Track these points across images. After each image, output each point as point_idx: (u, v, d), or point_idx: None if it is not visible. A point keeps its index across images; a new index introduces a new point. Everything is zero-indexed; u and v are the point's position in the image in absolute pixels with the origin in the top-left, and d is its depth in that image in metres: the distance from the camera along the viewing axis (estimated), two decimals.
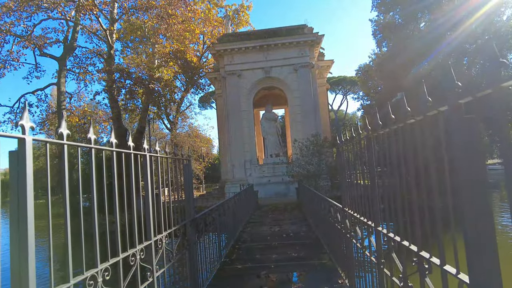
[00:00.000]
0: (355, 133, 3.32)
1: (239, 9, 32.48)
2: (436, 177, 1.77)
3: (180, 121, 35.68)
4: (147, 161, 3.01)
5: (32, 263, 1.57)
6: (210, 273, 5.15)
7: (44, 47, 21.94)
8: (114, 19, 22.81)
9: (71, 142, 1.89)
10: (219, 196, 20.89)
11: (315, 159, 16.99)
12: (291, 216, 11.93)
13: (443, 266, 1.67)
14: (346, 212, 4.03)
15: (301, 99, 21.01)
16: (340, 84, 50.82)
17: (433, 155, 1.80)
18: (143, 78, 23.28)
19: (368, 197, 3.03)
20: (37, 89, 23.57)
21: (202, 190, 35.44)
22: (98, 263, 2.12)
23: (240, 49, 21.24)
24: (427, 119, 1.77)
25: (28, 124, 1.60)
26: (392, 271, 2.58)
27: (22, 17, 19.99)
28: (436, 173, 1.77)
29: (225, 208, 6.88)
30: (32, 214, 1.58)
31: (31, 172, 1.61)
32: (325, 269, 5.26)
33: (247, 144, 21.35)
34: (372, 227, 2.94)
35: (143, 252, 2.76)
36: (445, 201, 1.63)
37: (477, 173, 1.41)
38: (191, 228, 4.17)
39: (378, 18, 25.08)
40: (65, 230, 1.86)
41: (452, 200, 1.59)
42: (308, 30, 21.19)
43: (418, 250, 1.99)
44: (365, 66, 30.94)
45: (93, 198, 2.18)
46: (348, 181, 3.92)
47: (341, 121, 53.72)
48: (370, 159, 2.89)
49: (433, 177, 1.78)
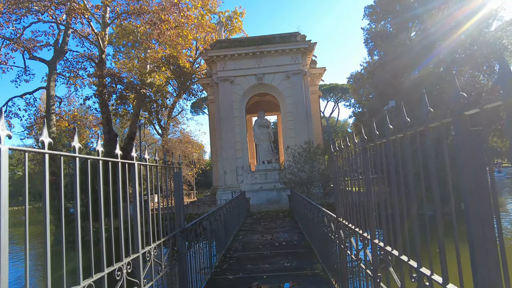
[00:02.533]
0: (350, 142, 3.25)
1: (232, 15, 32.59)
2: (438, 189, 1.70)
3: (172, 127, 35.42)
4: (135, 169, 2.89)
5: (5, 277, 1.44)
6: (200, 285, 5.00)
7: (33, 50, 21.58)
8: (106, 24, 22.62)
9: (52, 151, 1.77)
10: (210, 203, 20.66)
11: (308, 166, 16.94)
12: (283, 223, 11.81)
13: (446, 285, 1.59)
14: (341, 222, 3.94)
15: (294, 106, 21.04)
16: (332, 91, 51.22)
17: (434, 166, 1.73)
18: (135, 83, 23.06)
19: (363, 207, 2.95)
20: (26, 93, 23.13)
21: (193, 196, 35.08)
22: (81, 280, 1.99)
23: (233, 55, 21.23)
24: (428, 130, 1.71)
25: (4, 132, 1.49)
26: (389, 285, 2.49)
27: (11, 19, 19.66)
28: (438, 185, 1.70)
29: (216, 217, 6.74)
30: (6, 228, 1.45)
31: (7, 183, 1.49)
32: (318, 279, 5.16)
33: (239, 150, 21.24)
34: (368, 239, 2.85)
35: (130, 266, 2.62)
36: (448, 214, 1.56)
37: (483, 186, 1.34)
38: (181, 239, 4.03)
39: (370, 27, 25.38)
40: (44, 245, 1.73)
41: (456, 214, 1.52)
42: (301, 37, 21.32)
43: (418, 266, 1.90)
44: (356, 74, 31.20)
45: (76, 207, 2.05)
46: (342, 190, 3.84)
47: (332, 128, 54.05)
48: (365, 170, 2.81)
49: (435, 189, 1.71)
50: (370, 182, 2.79)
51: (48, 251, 1.74)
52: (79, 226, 2.03)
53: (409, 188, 2.03)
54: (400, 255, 2.18)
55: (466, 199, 1.39)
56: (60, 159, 1.96)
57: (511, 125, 1.13)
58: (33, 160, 35.52)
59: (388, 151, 2.32)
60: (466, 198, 1.39)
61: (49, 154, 1.75)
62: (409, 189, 2.02)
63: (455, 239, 1.53)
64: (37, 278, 10.05)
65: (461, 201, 1.40)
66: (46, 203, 1.76)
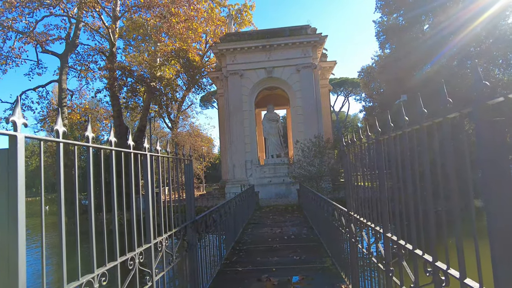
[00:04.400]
0: (363, 135, 3.20)
1: (242, 8, 32.39)
2: (456, 180, 1.66)
3: (181, 120, 35.60)
4: (148, 160, 2.90)
5: (23, 268, 1.46)
6: (210, 276, 5.04)
7: (46, 44, 21.86)
8: (116, 17, 22.71)
9: (67, 140, 1.78)
10: (219, 196, 20.79)
11: (317, 161, 16.85)
12: (292, 217, 11.81)
13: (464, 279, 1.56)
14: (352, 216, 3.91)
15: (303, 100, 20.89)
16: (342, 85, 50.68)
17: (452, 158, 1.68)
18: (145, 76, 23.17)
19: (376, 201, 2.91)
20: (38, 86, 23.51)
21: (203, 189, 35.34)
22: (95, 268, 2.01)
23: (243, 48, 21.13)
24: (446, 122, 1.66)
25: (20, 120, 1.49)
26: (402, 280, 2.46)
27: (24, 13, 19.89)
28: (455, 177, 1.66)
29: (226, 210, 6.76)
30: (23, 216, 1.47)
31: (23, 171, 1.50)
32: (327, 273, 5.15)
33: (248, 144, 21.23)
34: (381, 233, 2.82)
35: (142, 256, 2.65)
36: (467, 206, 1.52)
37: (505, 177, 1.30)
38: (192, 230, 4.06)
39: (381, 20, 24.92)
40: (60, 233, 1.75)
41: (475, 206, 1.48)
42: (312, 30, 21.07)
43: (433, 260, 1.87)
44: (367, 68, 30.74)
45: (90, 198, 2.07)
46: (353, 184, 3.80)
47: (342, 123, 53.60)
48: (379, 163, 2.77)
49: (453, 181, 1.66)
50: (384, 176, 2.74)
51: (63, 241, 1.76)
52: (93, 216, 2.05)
53: (424, 183, 1.99)
54: (414, 249, 2.15)
55: (487, 192, 1.34)
56: (74, 149, 1.97)
57: None
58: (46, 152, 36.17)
59: (403, 144, 2.28)
60: (486, 192, 1.35)
61: (63, 143, 1.76)
62: (425, 183, 1.98)
63: (474, 233, 1.49)
64: (52, 267, 10.29)
65: (478, 197, 1.36)
66: (61, 192, 1.78)
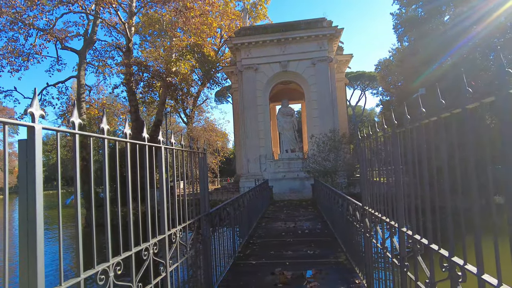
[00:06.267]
0: (379, 128, 3.14)
1: (256, 2, 32.20)
2: (475, 175, 1.60)
3: (197, 115, 35.87)
4: (162, 153, 2.93)
5: (41, 255, 1.50)
6: (224, 268, 5.09)
7: (65, 41, 22.38)
8: (132, 13, 22.97)
9: (82, 132, 1.81)
10: (233, 190, 20.92)
11: (332, 155, 16.69)
12: (306, 212, 11.77)
13: (481, 275, 1.51)
14: (366, 210, 3.86)
15: (319, 94, 20.66)
16: (358, 79, 49.86)
17: (471, 150, 1.62)
18: (161, 71, 23.42)
19: (392, 196, 2.86)
20: (58, 82, 24.12)
21: (217, 184, 35.66)
22: (110, 257, 2.05)
23: (257, 42, 21.03)
24: (466, 112, 1.60)
25: (38, 112, 1.53)
26: (417, 275, 2.41)
27: (45, 11, 20.39)
28: (475, 170, 1.60)
29: (240, 203, 6.79)
30: (41, 204, 1.51)
31: (40, 161, 1.54)
32: (341, 268, 5.11)
33: (263, 139, 21.22)
34: (396, 228, 2.77)
35: (156, 246, 2.69)
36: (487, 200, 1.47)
37: None
38: (206, 223, 4.10)
39: (399, 12, 24.27)
40: (76, 222, 1.79)
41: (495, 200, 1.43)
42: (327, 23, 20.76)
43: (449, 256, 1.82)
44: (385, 61, 30.17)
45: (105, 190, 2.11)
46: (369, 178, 3.74)
47: (358, 117, 52.81)
48: (395, 156, 2.71)
49: (472, 176, 1.61)
50: (400, 170, 2.69)
51: (79, 230, 1.81)
52: (108, 207, 2.09)
53: (442, 177, 1.93)
54: (429, 244, 2.10)
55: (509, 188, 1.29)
56: (90, 140, 2.01)
57: None
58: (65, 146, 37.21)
59: (420, 137, 2.22)
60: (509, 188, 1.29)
61: (79, 134, 1.80)
62: (443, 178, 1.92)
63: (494, 229, 1.44)
64: (71, 256, 10.66)
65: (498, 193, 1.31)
66: (77, 183, 1.82)
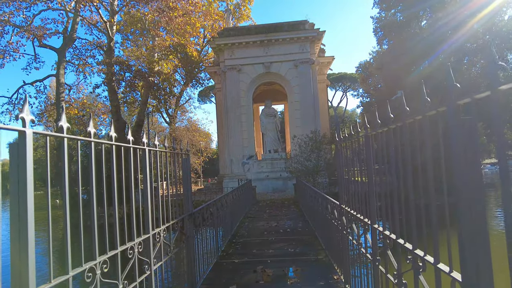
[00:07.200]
0: (354, 131, 3.33)
1: (240, 3, 32.27)
2: (433, 176, 1.79)
3: (179, 115, 35.62)
4: (146, 155, 3.02)
5: (32, 255, 1.59)
6: (207, 267, 5.19)
7: (43, 38, 21.78)
8: (114, 11, 22.63)
9: (71, 135, 1.90)
10: (217, 190, 20.94)
11: (314, 156, 17.02)
12: (289, 211, 11.99)
13: (437, 264, 1.70)
14: (343, 209, 4.05)
15: (301, 95, 20.99)
16: (340, 80, 50.73)
17: (430, 154, 1.81)
18: (143, 71, 23.17)
19: (365, 194, 3.05)
20: (36, 80, 23.48)
21: (201, 184, 35.51)
22: (97, 256, 2.13)
23: (241, 43, 21.16)
24: (426, 119, 1.79)
25: (28, 117, 1.61)
26: (387, 268, 2.61)
27: (22, 7, 19.80)
28: (433, 172, 1.79)
29: (223, 203, 6.90)
30: (32, 206, 1.59)
31: (31, 165, 1.62)
32: (321, 265, 5.31)
33: (246, 139, 21.37)
34: (368, 225, 2.96)
35: (141, 245, 2.78)
36: (441, 200, 1.65)
37: (473, 173, 1.43)
38: (189, 222, 4.19)
39: (379, 16, 24.99)
40: (64, 222, 1.87)
41: (448, 199, 1.61)
42: (309, 26, 21.12)
43: (413, 248, 2.01)
44: (365, 63, 30.89)
45: (92, 190, 2.19)
46: (346, 178, 3.94)
47: (340, 118, 53.71)
48: (368, 157, 2.91)
49: (430, 176, 1.80)
50: (372, 170, 2.88)
51: (68, 230, 1.89)
52: (95, 208, 2.18)
53: (406, 177, 2.12)
54: (397, 239, 2.29)
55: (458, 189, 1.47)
56: (77, 143, 2.09)
57: (497, 117, 1.21)
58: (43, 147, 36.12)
59: (389, 140, 2.41)
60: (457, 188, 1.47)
61: (67, 138, 1.88)
62: (407, 178, 2.11)
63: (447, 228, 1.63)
64: (58, 255, 10.51)
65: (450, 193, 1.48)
66: (65, 186, 1.90)
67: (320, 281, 4.51)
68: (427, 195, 1.84)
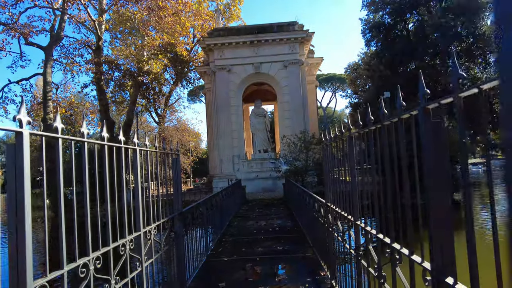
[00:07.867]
0: (338, 132, 3.47)
1: (230, 3, 32.35)
2: (408, 175, 1.93)
3: (169, 115, 35.41)
4: (137, 155, 3.10)
5: (30, 253, 1.65)
6: (197, 265, 5.27)
7: (29, 36, 21.43)
8: (103, 10, 22.43)
9: (65, 136, 1.97)
10: (206, 190, 20.95)
11: (303, 155, 17.22)
12: (278, 211, 12.13)
13: (411, 256, 1.84)
14: (329, 207, 4.20)
15: (290, 96, 21.18)
16: (329, 81, 51.30)
17: (405, 155, 1.95)
18: (132, 70, 23.02)
19: (349, 193, 3.19)
20: (22, 79, 23.11)
21: (190, 184, 35.41)
22: (90, 252, 2.21)
23: (231, 44, 21.22)
24: (401, 122, 1.93)
25: (25, 118, 1.68)
26: (369, 262, 2.75)
27: (8, 4, 19.49)
28: (407, 172, 1.93)
29: (213, 203, 6.99)
30: (29, 206, 1.65)
31: (28, 165, 1.69)
32: (308, 261, 5.45)
33: (236, 139, 21.44)
34: (352, 221, 3.10)
35: (132, 243, 2.85)
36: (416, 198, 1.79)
37: (441, 171, 1.57)
38: (179, 221, 4.27)
39: (367, 17, 25.34)
40: (59, 219, 1.94)
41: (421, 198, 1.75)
42: (299, 27, 21.32)
43: (391, 242, 2.15)
44: (354, 64, 31.25)
45: (85, 190, 2.26)
46: (332, 177, 4.08)
47: (329, 118, 54.27)
48: (351, 157, 3.04)
49: (405, 176, 1.94)
50: (355, 169, 3.02)
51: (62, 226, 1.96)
52: (88, 206, 2.25)
53: (386, 177, 2.26)
54: (377, 234, 2.43)
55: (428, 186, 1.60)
56: (71, 144, 2.16)
57: (462, 120, 1.35)
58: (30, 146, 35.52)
59: (369, 141, 2.55)
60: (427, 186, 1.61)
61: (62, 138, 1.95)
62: (386, 177, 2.25)
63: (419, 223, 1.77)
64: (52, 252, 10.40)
65: None
66: (60, 185, 1.97)
67: (308, 277, 4.64)
68: (404, 194, 1.98)
